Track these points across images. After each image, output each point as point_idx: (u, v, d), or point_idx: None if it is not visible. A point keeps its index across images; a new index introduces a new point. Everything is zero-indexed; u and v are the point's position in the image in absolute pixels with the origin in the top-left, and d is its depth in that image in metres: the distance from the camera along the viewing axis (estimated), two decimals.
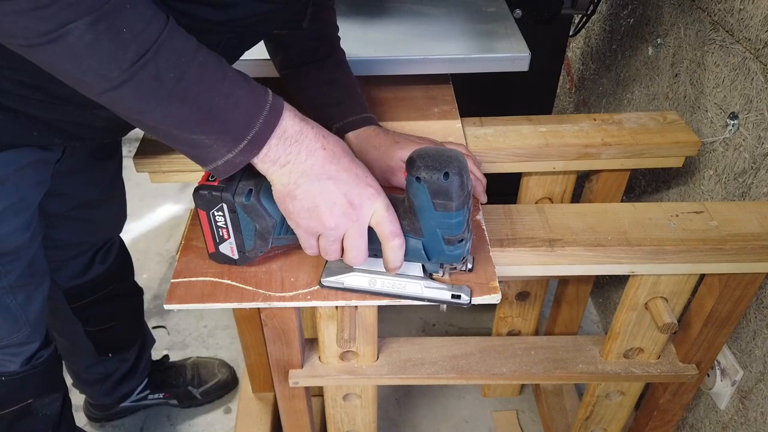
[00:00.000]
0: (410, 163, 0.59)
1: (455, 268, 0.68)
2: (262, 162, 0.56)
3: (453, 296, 0.67)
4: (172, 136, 0.55)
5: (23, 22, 0.45)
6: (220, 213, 0.63)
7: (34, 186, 0.84)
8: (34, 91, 0.70)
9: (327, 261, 0.69)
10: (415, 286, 0.67)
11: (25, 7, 0.45)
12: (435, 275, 0.68)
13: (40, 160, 0.83)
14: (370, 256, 0.62)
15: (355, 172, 0.58)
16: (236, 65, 0.99)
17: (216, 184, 0.61)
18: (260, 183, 0.61)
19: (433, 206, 0.59)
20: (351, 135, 0.82)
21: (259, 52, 0.94)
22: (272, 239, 0.65)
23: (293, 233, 0.63)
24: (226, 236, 0.65)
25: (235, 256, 0.68)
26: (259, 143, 0.55)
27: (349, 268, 0.68)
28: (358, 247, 0.60)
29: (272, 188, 0.59)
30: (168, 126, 0.54)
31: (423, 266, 0.68)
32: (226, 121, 0.54)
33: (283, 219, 0.63)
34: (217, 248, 0.67)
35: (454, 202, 0.58)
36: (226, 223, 0.64)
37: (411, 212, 0.61)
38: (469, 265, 0.68)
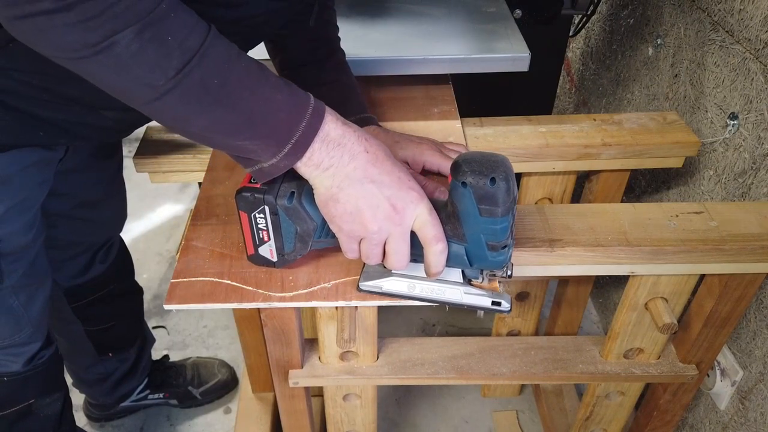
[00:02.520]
0: (456, 167, 0.58)
1: (494, 275, 0.67)
2: (305, 166, 0.56)
3: (493, 303, 0.66)
4: (217, 143, 0.56)
5: (72, 34, 0.46)
6: (262, 215, 0.62)
7: (37, 185, 0.84)
8: (42, 92, 0.70)
9: (365, 265, 0.69)
10: (455, 292, 0.66)
11: (75, 19, 0.45)
12: (474, 281, 0.67)
13: (43, 160, 0.83)
14: (410, 260, 0.62)
15: (398, 176, 0.58)
16: None
17: (258, 186, 0.61)
18: (302, 186, 0.61)
19: (479, 212, 0.58)
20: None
21: (259, 52, 0.94)
22: (312, 242, 0.65)
23: (333, 236, 0.63)
24: (266, 239, 0.65)
25: (274, 259, 0.67)
26: (302, 147, 0.55)
27: (387, 273, 0.67)
28: (400, 251, 0.60)
29: (314, 192, 0.59)
30: (213, 133, 0.54)
31: (462, 272, 0.67)
32: (270, 126, 0.54)
33: (323, 222, 0.63)
34: (256, 250, 0.67)
35: (500, 207, 0.57)
36: (266, 226, 0.63)
37: (454, 217, 0.60)
38: (509, 272, 0.66)
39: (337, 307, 0.80)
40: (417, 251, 0.61)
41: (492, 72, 1.00)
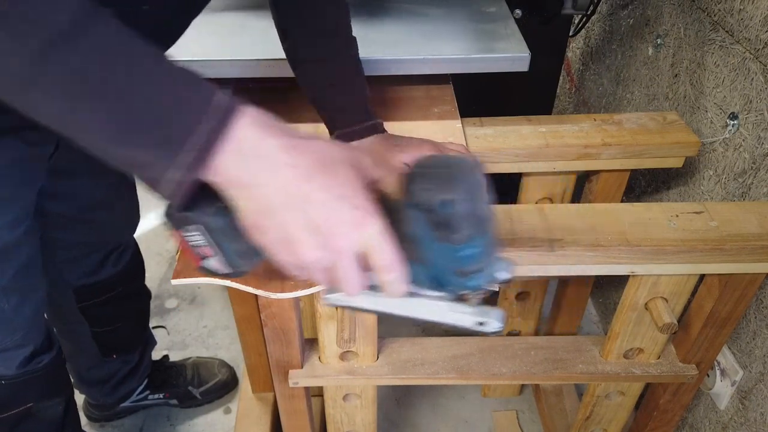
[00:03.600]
0: (405, 182, 0.49)
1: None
2: (218, 183, 0.45)
3: (478, 323, 0.55)
4: (106, 152, 0.45)
5: None
6: (196, 233, 0.53)
7: (22, 183, 0.82)
8: None
9: None
10: (433, 309, 0.56)
11: None
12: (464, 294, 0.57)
13: (27, 157, 0.81)
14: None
15: (336, 193, 0.46)
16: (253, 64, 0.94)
17: (186, 202, 0.50)
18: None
19: (435, 237, 0.48)
20: (354, 144, 0.82)
21: (263, 51, 0.94)
22: (264, 254, 0.55)
23: None
24: (209, 254, 0.55)
25: (227, 270, 0.57)
26: (203, 157, 0.43)
27: None
28: (349, 280, 0.48)
29: (239, 215, 0.48)
30: (95, 138, 0.44)
31: None
32: (162, 129, 0.43)
33: None
34: (202, 264, 0.57)
35: (459, 234, 0.47)
36: (205, 243, 0.53)
37: (410, 239, 0.50)
38: (499, 282, 0.54)
39: (336, 307, 0.80)
40: None
41: (492, 72, 1.00)
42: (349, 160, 0.48)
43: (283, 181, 0.45)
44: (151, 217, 2.04)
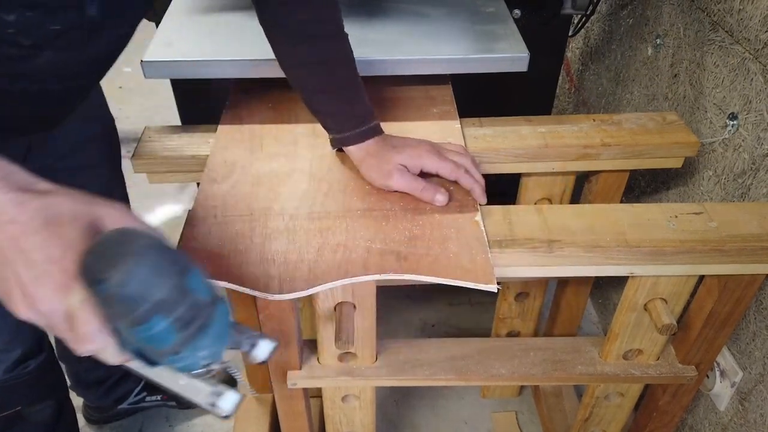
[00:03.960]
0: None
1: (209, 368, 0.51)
2: None
3: (210, 404, 0.51)
4: None
5: None
6: None
7: None
8: None
9: None
10: (177, 380, 0.51)
11: None
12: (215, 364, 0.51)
13: None
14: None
15: (50, 254, 0.45)
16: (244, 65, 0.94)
17: None
18: None
19: (110, 315, 0.45)
20: (351, 148, 0.82)
21: (263, 52, 0.93)
22: None
23: None
24: None
25: None
26: None
27: None
28: (69, 342, 0.47)
29: None
30: None
31: None
32: None
33: None
34: None
35: (132, 315, 0.43)
36: None
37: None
38: (262, 357, 0.52)
39: (335, 308, 0.80)
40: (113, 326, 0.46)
41: (491, 72, 0.99)
42: (83, 217, 0.46)
43: (3, 237, 0.45)
44: (151, 218, 2.04)
